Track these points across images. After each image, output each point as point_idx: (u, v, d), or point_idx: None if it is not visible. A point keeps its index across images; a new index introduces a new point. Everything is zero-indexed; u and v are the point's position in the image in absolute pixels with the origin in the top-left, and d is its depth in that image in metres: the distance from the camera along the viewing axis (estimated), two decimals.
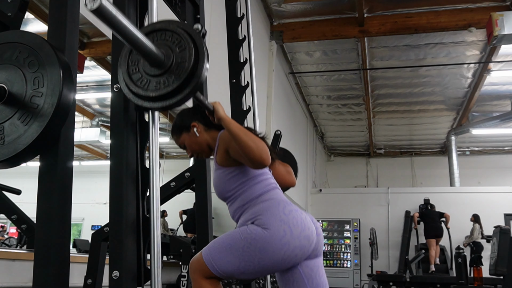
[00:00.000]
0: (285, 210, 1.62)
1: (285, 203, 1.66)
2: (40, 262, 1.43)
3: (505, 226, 6.59)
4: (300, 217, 1.62)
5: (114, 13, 1.17)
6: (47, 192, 1.48)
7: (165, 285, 3.76)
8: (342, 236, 11.07)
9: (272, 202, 1.65)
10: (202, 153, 1.84)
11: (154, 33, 1.51)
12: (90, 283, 1.89)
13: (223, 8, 3.13)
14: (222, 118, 1.64)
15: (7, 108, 1.48)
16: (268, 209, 1.62)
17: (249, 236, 1.57)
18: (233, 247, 1.58)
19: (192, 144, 1.82)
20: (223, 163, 1.73)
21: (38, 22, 5.27)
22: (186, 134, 1.82)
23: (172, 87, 1.43)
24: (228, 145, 1.68)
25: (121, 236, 1.50)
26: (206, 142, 1.81)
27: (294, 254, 1.58)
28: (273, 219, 1.58)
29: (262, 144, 1.59)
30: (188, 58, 1.44)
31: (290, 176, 2.05)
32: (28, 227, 3.06)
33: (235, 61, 3.02)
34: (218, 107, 1.67)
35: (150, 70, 1.47)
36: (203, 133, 1.81)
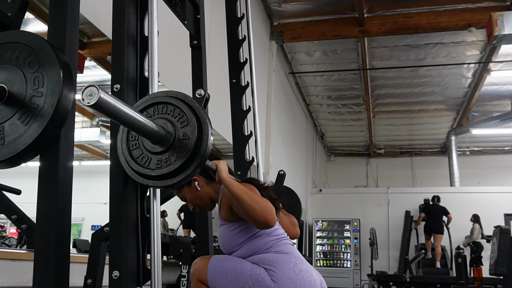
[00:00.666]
0: (296, 268, 1.58)
1: (296, 260, 1.62)
2: (40, 262, 1.43)
3: (505, 226, 6.58)
4: (309, 279, 1.59)
5: (113, 104, 1.13)
6: (47, 192, 1.47)
7: (165, 285, 3.76)
8: (342, 236, 11.07)
9: (284, 257, 1.61)
10: (205, 206, 1.79)
11: (155, 106, 1.45)
12: (90, 283, 1.89)
13: (223, 8, 3.13)
14: (223, 179, 1.57)
15: (7, 108, 1.48)
16: (280, 263, 1.59)
17: (256, 278, 1.56)
18: (237, 278, 1.58)
19: (194, 198, 1.76)
20: (228, 219, 1.68)
21: (38, 22, 5.26)
22: (187, 188, 1.75)
23: (174, 166, 1.36)
24: (231, 202, 1.63)
25: (121, 236, 1.50)
26: (208, 196, 1.76)
27: None
28: (282, 274, 1.56)
29: (266, 204, 1.54)
30: (191, 134, 1.37)
31: (294, 228, 2.01)
32: (28, 227, 3.06)
33: (235, 61, 3.01)
34: (221, 167, 1.59)
35: (151, 147, 1.41)
36: (204, 187, 1.75)
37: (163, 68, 1.81)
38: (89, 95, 1.07)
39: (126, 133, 1.47)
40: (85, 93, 1.07)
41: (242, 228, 1.66)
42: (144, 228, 1.57)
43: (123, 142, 1.46)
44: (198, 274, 1.64)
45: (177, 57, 3.97)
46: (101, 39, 6.08)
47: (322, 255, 10.99)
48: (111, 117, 1.17)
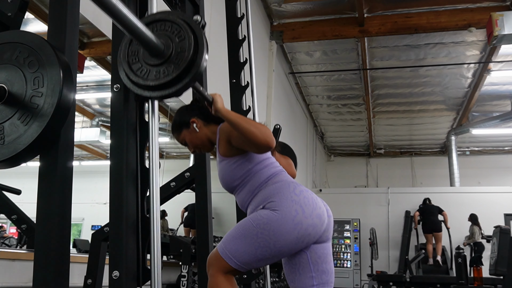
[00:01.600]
0: (296, 190, 1.64)
1: (295, 184, 1.68)
2: (40, 262, 1.43)
3: (505, 226, 6.58)
4: (311, 196, 1.65)
5: (114, 2, 1.18)
6: (47, 192, 1.47)
7: (165, 285, 3.77)
8: (342, 236, 11.07)
9: (282, 184, 1.67)
10: (203, 147, 1.86)
11: (154, 24, 1.53)
12: (90, 283, 1.90)
13: (223, 8, 3.13)
14: (219, 109, 1.66)
15: (7, 108, 1.48)
16: (279, 191, 1.63)
17: (260, 221, 1.58)
18: (247, 236, 1.58)
19: (193, 140, 1.84)
20: (226, 154, 1.74)
21: (38, 22, 5.26)
22: (186, 130, 1.84)
23: (171, 76, 1.44)
24: (229, 136, 1.70)
25: (121, 236, 1.50)
26: (207, 137, 1.83)
27: (308, 233, 1.59)
28: (284, 200, 1.60)
29: (264, 128, 1.61)
30: (188, 48, 1.45)
31: (290, 168, 2.06)
32: (28, 227, 3.06)
33: (235, 61, 3.02)
34: (217, 98, 1.69)
35: (150, 60, 1.48)
36: (202, 128, 1.83)
37: None
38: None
39: (127, 48, 1.53)
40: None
41: (241, 162, 1.72)
42: (144, 228, 1.58)
43: (123, 56, 1.54)
44: (216, 264, 1.61)
45: None
46: (101, 39, 6.08)
47: None
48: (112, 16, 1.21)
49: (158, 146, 1.57)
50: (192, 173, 2.23)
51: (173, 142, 10.58)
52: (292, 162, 2.10)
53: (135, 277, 1.52)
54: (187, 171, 2.24)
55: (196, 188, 2.24)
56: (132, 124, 1.65)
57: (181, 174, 2.25)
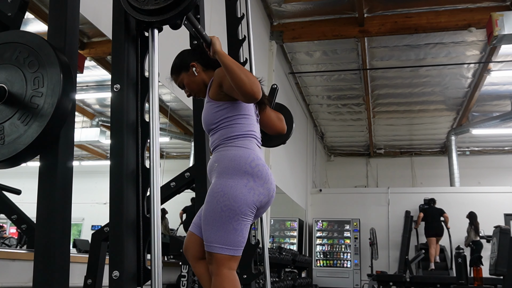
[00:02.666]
0: (252, 163, 1.71)
1: (254, 156, 1.73)
2: (40, 262, 1.43)
3: (505, 226, 6.58)
4: (266, 172, 1.72)
5: None
6: (47, 192, 1.47)
7: (165, 285, 3.77)
8: (342, 236, 11.07)
9: (242, 152, 1.72)
10: (199, 92, 1.92)
11: None
12: (90, 283, 1.90)
13: (223, 8, 3.12)
14: (217, 51, 1.70)
15: (7, 108, 1.48)
16: (235, 159, 1.70)
17: (217, 194, 1.65)
18: (216, 218, 1.64)
19: (190, 83, 1.89)
20: (214, 97, 1.80)
21: (38, 22, 5.26)
22: (185, 73, 1.89)
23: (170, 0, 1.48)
24: (222, 80, 1.74)
25: (121, 236, 1.50)
26: (204, 82, 1.89)
27: (260, 199, 1.68)
28: (237, 171, 1.67)
29: (254, 79, 1.66)
30: None
31: (280, 123, 2.09)
32: (28, 227, 3.06)
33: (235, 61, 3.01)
34: (215, 40, 1.72)
35: None
36: (201, 73, 1.89)
37: (163, 68, 1.82)
38: None
39: None
40: None
41: (224, 108, 1.78)
42: (144, 228, 1.57)
43: None
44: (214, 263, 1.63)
45: None
46: (101, 39, 6.08)
47: (322, 255, 10.99)
48: None
49: (159, 146, 1.57)
50: (192, 173, 2.23)
51: (173, 142, 10.57)
52: (282, 117, 2.11)
53: (135, 277, 1.52)
54: (187, 171, 2.24)
55: (196, 188, 2.24)
56: (132, 124, 1.64)
57: (181, 174, 2.24)
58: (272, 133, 2.06)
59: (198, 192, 2.24)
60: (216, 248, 1.62)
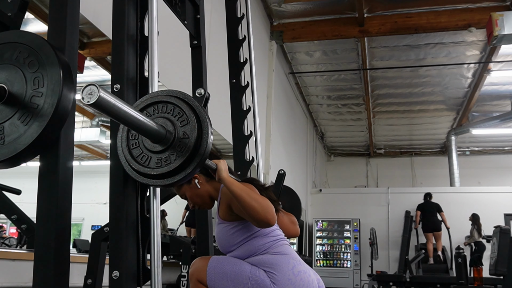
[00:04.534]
0: (294, 270, 1.59)
1: (294, 261, 1.63)
2: (40, 262, 1.43)
3: (505, 226, 6.58)
4: (307, 280, 1.60)
5: (113, 102, 1.13)
6: (47, 192, 1.47)
7: (165, 285, 3.76)
8: (342, 236, 11.07)
9: (283, 258, 1.62)
10: (203, 205, 1.80)
11: (155, 105, 1.45)
12: (90, 283, 1.89)
13: (223, 8, 3.13)
14: (223, 179, 1.56)
15: (7, 108, 1.48)
16: (279, 264, 1.59)
17: (256, 280, 1.57)
18: (237, 280, 1.58)
19: (193, 196, 1.77)
20: (226, 218, 1.69)
21: (38, 22, 5.26)
22: (187, 185, 1.76)
23: (174, 165, 1.36)
24: (230, 201, 1.63)
25: (121, 236, 1.50)
26: (208, 194, 1.77)
27: None
28: (282, 276, 1.57)
29: (266, 203, 1.53)
30: (191, 133, 1.37)
31: (294, 227, 2.01)
32: (28, 227, 3.06)
33: (235, 61, 3.01)
34: (221, 166, 1.58)
35: (151, 146, 1.41)
36: (204, 185, 1.76)
37: (163, 68, 1.81)
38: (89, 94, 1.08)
39: (126, 132, 1.46)
40: (85, 92, 1.08)
41: (240, 228, 1.66)
42: (144, 228, 1.57)
43: (123, 141, 1.46)
44: (197, 275, 1.65)
45: (177, 57, 3.97)
46: (101, 39, 6.08)
47: (322, 255, 10.99)
48: (111, 116, 1.17)
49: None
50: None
51: None
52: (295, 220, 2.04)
53: (135, 277, 1.52)
54: None
55: None
56: None
57: None
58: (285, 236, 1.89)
59: None
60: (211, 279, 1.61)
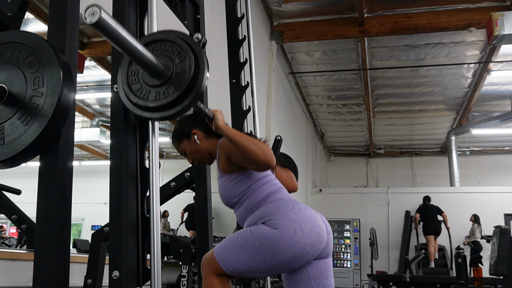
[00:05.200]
0: (294, 208, 1.63)
1: (293, 202, 1.67)
2: (40, 262, 1.43)
3: (505, 226, 6.58)
4: (310, 215, 1.64)
5: (114, 26, 1.15)
6: (47, 192, 1.47)
7: (165, 285, 3.77)
8: (342, 236, 11.07)
9: (280, 202, 1.66)
10: (203, 160, 1.85)
11: (154, 44, 1.51)
12: (90, 283, 1.90)
13: (223, 8, 3.13)
14: (220, 127, 1.64)
15: (7, 108, 1.48)
16: (277, 209, 1.63)
17: (259, 236, 1.58)
18: (245, 247, 1.59)
19: (193, 152, 1.83)
20: (226, 170, 1.73)
21: (38, 22, 5.27)
22: (186, 141, 1.82)
23: (172, 98, 1.43)
24: (229, 152, 1.68)
25: (121, 236, 1.50)
26: (207, 149, 1.82)
27: (305, 252, 1.59)
28: (282, 219, 1.59)
29: (264, 146, 1.60)
30: (188, 68, 1.43)
31: (292, 181, 2.05)
32: (28, 227, 3.07)
33: (235, 61, 3.01)
34: (218, 115, 1.66)
35: (149, 81, 1.46)
36: (203, 140, 1.81)
37: None
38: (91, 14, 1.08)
39: (126, 68, 1.52)
40: (87, 12, 1.09)
41: (240, 179, 1.71)
42: (144, 228, 1.57)
43: (123, 77, 1.52)
44: (210, 266, 1.64)
45: None
46: (101, 39, 6.09)
47: None
48: (111, 40, 1.19)
49: (158, 146, 1.57)
50: (192, 173, 2.23)
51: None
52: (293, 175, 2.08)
53: (135, 277, 1.52)
54: (187, 171, 2.24)
55: (196, 188, 2.24)
56: (132, 124, 1.64)
57: (181, 174, 2.24)
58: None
59: (198, 192, 2.24)
60: (221, 261, 1.61)
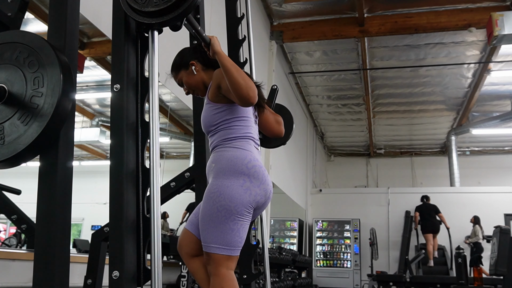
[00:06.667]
0: (249, 164, 1.71)
1: (251, 157, 1.74)
2: (40, 262, 1.43)
3: (505, 226, 6.58)
4: (262, 173, 1.72)
5: None
6: (47, 192, 1.47)
7: (165, 285, 3.77)
8: (342, 236, 11.07)
9: (239, 153, 1.73)
10: (197, 90, 1.93)
11: None
12: (90, 283, 1.90)
13: (223, 8, 3.13)
14: (217, 51, 1.70)
15: (7, 108, 1.48)
16: (232, 160, 1.71)
17: (213, 195, 1.66)
18: (212, 218, 1.65)
19: (189, 81, 1.91)
20: (213, 99, 1.81)
21: (38, 22, 5.26)
22: (184, 71, 1.91)
23: (171, 2, 1.49)
24: (220, 81, 1.74)
25: (121, 236, 1.50)
26: (202, 81, 1.90)
27: (256, 199, 1.69)
28: (234, 172, 1.68)
29: (251, 83, 1.66)
30: None
31: (278, 126, 2.07)
32: (28, 227, 3.07)
33: (235, 61, 3.01)
34: (214, 41, 1.73)
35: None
36: (200, 72, 1.90)
37: (163, 68, 1.82)
38: None
39: None
40: None
41: (223, 110, 1.79)
42: (144, 228, 1.57)
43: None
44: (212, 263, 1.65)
45: None
46: (101, 39, 6.08)
47: (322, 255, 10.99)
48: None
49: (159, 146, 1.57)
50: (192, 173, 2.23)
51: (173, 142, 10.57)
52: (281, 120, 2.09)
53: (135, 277, 1.52)
54: (187, 171, 2.24)
55: (196, 188, 2.24)
56: (132, 124, 1.64)
57: (181, 174, 2.24)
58: (270, 136, 2.06)
59: (198, 192, 2.24)
60: (213, 248, 1.63)
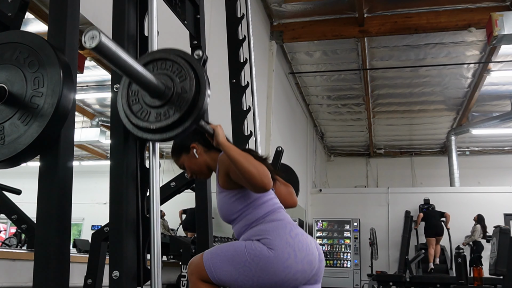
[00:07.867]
0: (292, 233, 1.61)
1: (291, 225, 1.65)
2: (40, 262, 1.43)
3: (505, 226, 6.59)
4: (305, 241, 1.61)
5: (113, 49, 1.14)
6: (47, 192, 1.47)
7: (165, 285, 3.76)
8: (342, 236, 11.08)
9: (279, 224, 1.64)
10: (201, 174, 1.83)
11: (154, 63, 1.48)
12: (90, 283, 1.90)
13: (223, 8, 3.13)
14: (221, 143, 1.62)
15: (7, 108, 1.48)
16: (275, 230, 1.61)
17: (253, 252, 1.57)
18: (235, 259, 1.58)
19: (192, 166, 1.81)
20: (226, 186, 1.71)
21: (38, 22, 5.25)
22: (185, 155, 1.81)
23: (173, 119, 1.39)
24: (228, 169, 1.66)
25: (121, 236, 1.50)
26: (206, 164, 1.80)
27: (295, 278, 1.56)
28: (279, 240, 1.57)
29: (263, 169, 1.56)
30: (189, 89, 1.40)
31: (291, 197, 2.02)
32: (28, 227, 3.07)
33: (235, 61, 3.02)
34: (218, 131, 1.64)
35: (150, 101, 1.43)
36: (202, 155, 1.80)
37: None
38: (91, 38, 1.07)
39: (127, 88, 1.49)
40: (87, 36, 1.07)
41: (240, 196, 1.69)
42: (144, 228, 1.57)
43: (123, 97, 1.49)
44: (197, 272, 1.64)
45: None
46: None
47: None
48: (111, 62, 1.17)
49: (159, 146, 1.57)
50: None
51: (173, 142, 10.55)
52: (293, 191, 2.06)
53: (135, 277, 1.52)
54: None
55: (196, 188, 2.24)
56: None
57: (181, 174, 2.24)
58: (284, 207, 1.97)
59: (198, 192, 2.24)
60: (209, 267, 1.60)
